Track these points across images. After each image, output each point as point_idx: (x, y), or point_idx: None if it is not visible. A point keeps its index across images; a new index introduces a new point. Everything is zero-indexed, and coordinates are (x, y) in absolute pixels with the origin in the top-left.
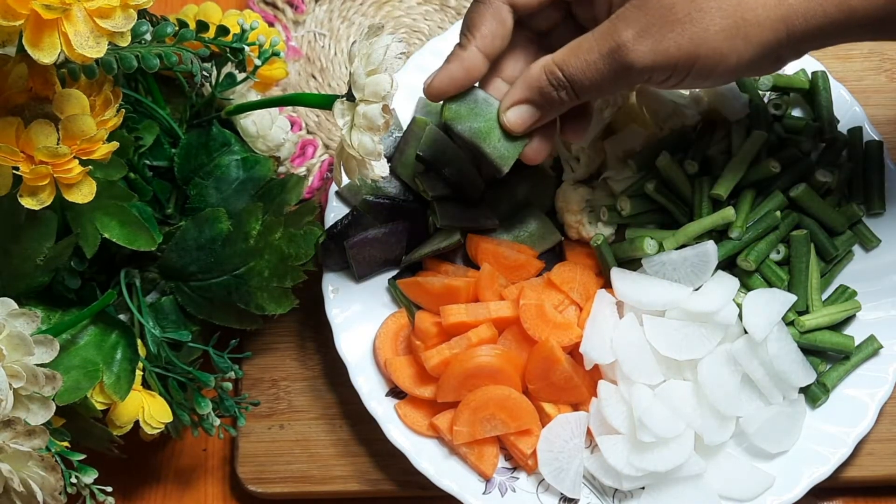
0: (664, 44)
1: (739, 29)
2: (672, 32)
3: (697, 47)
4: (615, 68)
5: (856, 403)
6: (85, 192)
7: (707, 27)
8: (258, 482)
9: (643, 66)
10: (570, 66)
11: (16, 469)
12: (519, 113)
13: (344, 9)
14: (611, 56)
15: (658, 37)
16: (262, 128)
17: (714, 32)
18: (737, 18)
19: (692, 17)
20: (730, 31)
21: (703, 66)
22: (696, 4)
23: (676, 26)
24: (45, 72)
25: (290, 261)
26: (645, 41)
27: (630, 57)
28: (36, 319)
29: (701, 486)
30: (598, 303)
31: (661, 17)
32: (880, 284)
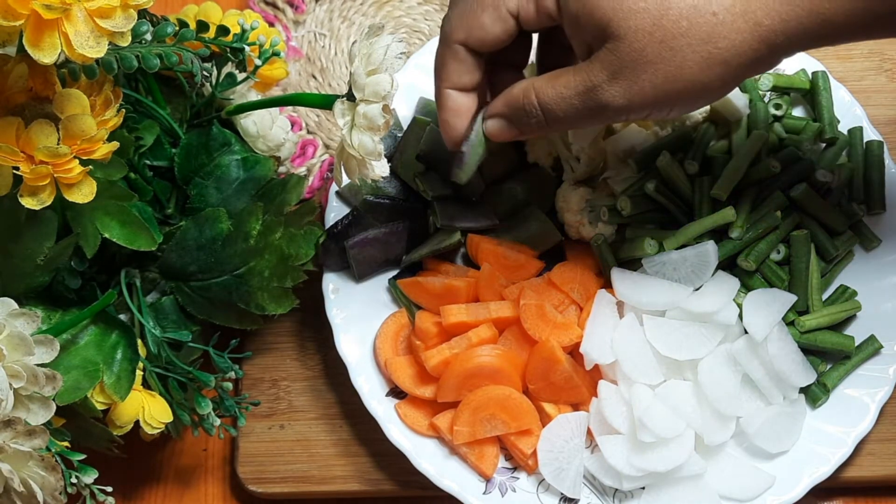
0: (638, 85)
1: (714, 58)
2: (645, 74)
3: (674, 84)
4: (589, 107)
5: (856, 403)
6: (85, 192)
7: (680, 64)
8: (258, 482)
9: (617, 107)
10: (546, 96)
11: (16, 469)
12: (496, 124)
13: (344, 9)
14: (586, 95)
15: (632, 79)
16: (262, 128)
17: (689, 68)
18: (710, 49)
19: (663, 56)
20: (705, 63)
21: (685, 98)
22: (665, 45)
23: (649, 67)
24: (46, 72)
25: (290, 261)
26: (618, 83)
27: (604, 98)
28: (36, 319)
29: (701, 486)
30: (598, 303)
31: (633, 59)
32: (880, 284)
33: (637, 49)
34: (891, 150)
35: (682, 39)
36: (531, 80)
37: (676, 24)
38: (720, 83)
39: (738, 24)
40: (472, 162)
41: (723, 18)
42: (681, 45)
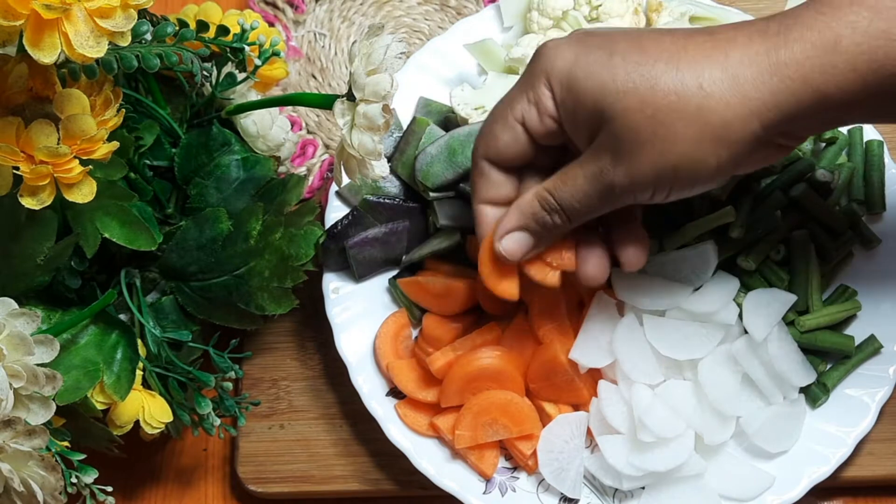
0: (636, 165)
1: (706, 133)
2: (643, 150)
3: (669, 160)
4: (600, 191)
5: (856, 403)
6: (85, 192)
7: (674, 139)
8: (258, 482)
9: (623, 187)
10: (559, 191)
11: (16, 469)
12: (515, 239)
13: (344, 9)
14: (595, 180)
15: (630, 159)
16: (262, 127)
17: (681, 143)
18: (701, 124)
19: (657, 132)
20: (697, 137)
21: (683, 175)
22: (657, 120)
23: (645, 147)
24: (46, 72)
25: (290, 261)
26: (620, 165)
27: (610, 180)
28: (36, 319)
29: (701, 485)
30: (594, 307)
31: (630, 138)
32: (880, 284)
33: (632, 127)
34: (891, 149)
35: (673, 114)
36: (539, 186)
37: (665, 99)
38: (715, 160)
39: (727, 98)
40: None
41: (710, 91)
42: (672, 120)
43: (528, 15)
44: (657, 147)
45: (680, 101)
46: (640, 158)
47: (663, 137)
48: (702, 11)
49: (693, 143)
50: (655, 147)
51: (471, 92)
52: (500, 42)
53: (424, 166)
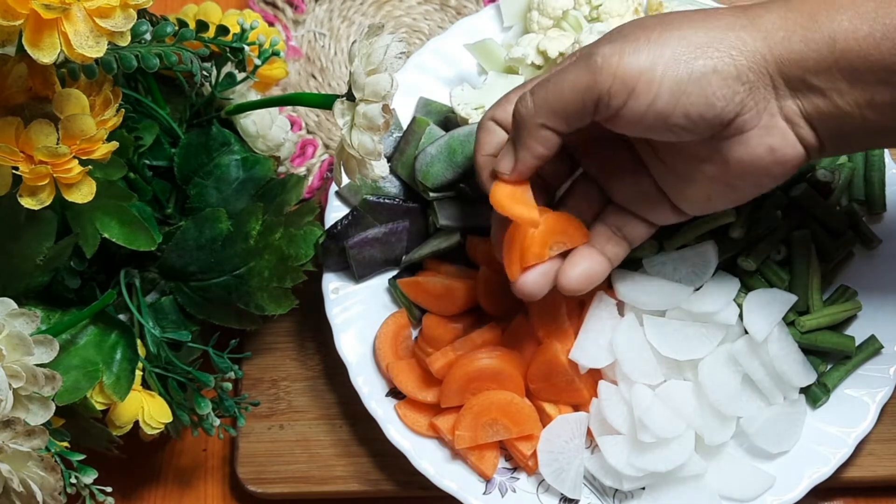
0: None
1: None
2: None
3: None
4: (583, 66)
5: (856, 404)
6: (85, 192)
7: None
8: (258, 482)
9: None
10: (541, 76)
11: (15, 469)
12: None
13: (344, 8)
14: (583, 56)
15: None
16: (262, 127)
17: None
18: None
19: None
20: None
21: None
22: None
23: (643, 30)
24: (45, 71)
25: (290, 261)
26: (615, 42)
27: (594, 56)
28: (35, 319)
29: (701, 486)
30: (594, 307)
31: (633, 31)
32: (881, 284)
33: (638, 23)
34: (891, 150)
35: (682, 18)
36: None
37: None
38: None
39: (735, 12)
40: None
41: (722, 13)
42: (679, 21)
43: (528, 15)
44: (657, 28)
45: (691, 14)
46: (636, 36)
47: (667, 24)
48: None
49: (696, 33)
50: (656, 28)
51: (471, 92)
52: (500, 42)
53: (424, 166)
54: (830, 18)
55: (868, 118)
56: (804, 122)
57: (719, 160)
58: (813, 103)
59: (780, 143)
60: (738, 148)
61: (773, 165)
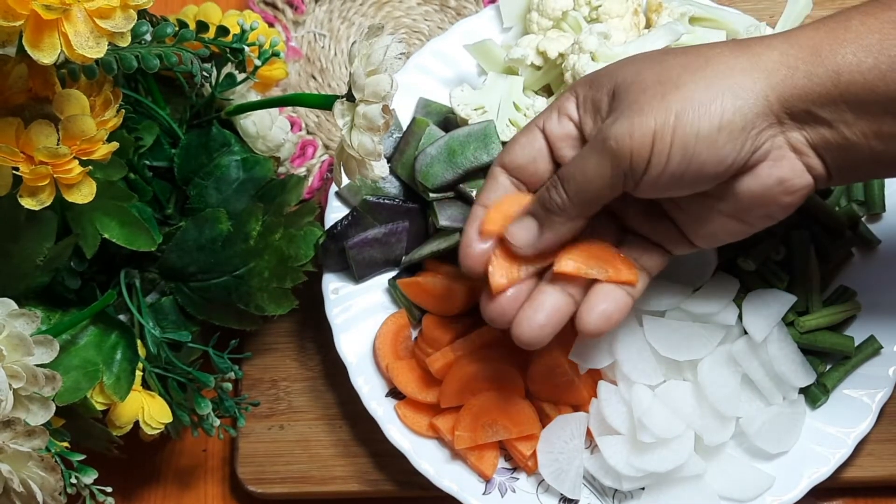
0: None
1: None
2: (642, 101)
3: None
4: (599, 153)
5: (856, 404)
6: (85, 193)
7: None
8: (258, 483)
9: (622, 145)
10: (565, 167)
11: (16, 469)
12: (521, 225)
13: (344, 9)
14: (595, 142)
15: (630, 109)
16: (262, 128)
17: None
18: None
19: (660, 80)
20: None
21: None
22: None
23: (646, 93)
24: (45, 72)
25: (289, 261)
26: (621, 118)
27: (609, 137)
28: (36, 320)
29: (701, 486)
30: None
31: (634, 92)
32: (880, 285)
33: (638, 83)
34: None
35: (679, 68)
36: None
37: (675, 60)
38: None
39: (737, 55)
40: None
41: (721, 51)
42: (678, 72)
43: (527, 15)
44: (658, 91)
45: (688, 59)
46: (640, 105)
47: (666, 81)
48: (701, 12)
49: (696, 89)
50: (657, 92)
51: (470, 92)
52: (500, 43)
53: (424, 167)
54: (834, 52)
55: (875, 148)
56: (811, 152)
57: (730, 196)
58: (819, 134)
59: (789, 174)
60: (748, 181)
61: (783, 195)
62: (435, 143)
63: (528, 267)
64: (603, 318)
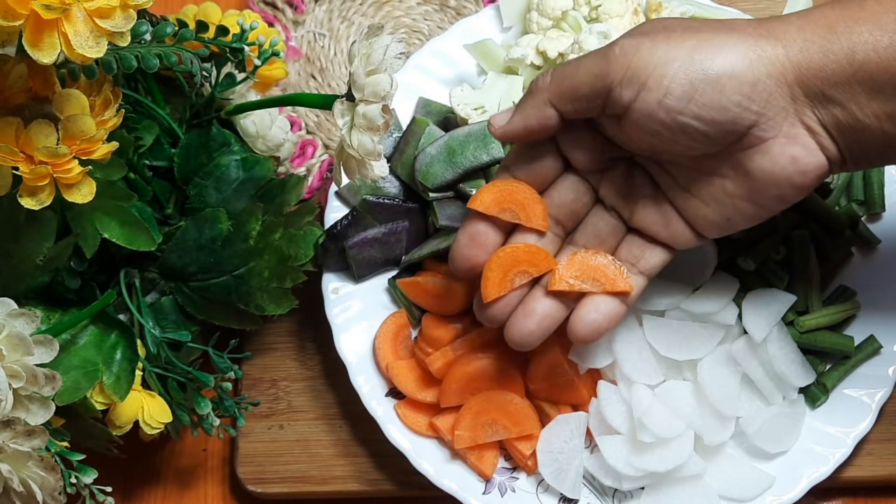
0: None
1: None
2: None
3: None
4: (601, 53)
5: (856, 403)
6: (85, 193)
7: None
8: (258, 482)
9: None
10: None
11: (15, 469)
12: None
13: (344, 9)
14: (599, 49)
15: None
16: (261, 128)
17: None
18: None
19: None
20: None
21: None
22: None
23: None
24: (45, 72)
25: (289, 261)
26: (635, 36)
27: (618, 42)
28: (36, 319)
29: (701, 486)
30: None
31: (654, 28)
32: (880, 284)
33: (661, 22)
34: None
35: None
36: None
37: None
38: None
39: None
40: None
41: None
42: (699, 26)
43: (527, 15)
44: (678, 30)
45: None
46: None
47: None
48: (701, 12)
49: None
50: (676, 30)
51: (470, 92)
52: (500, 42)
53: (424, 166)
54: (850, 30)
55: (887, 131)
56: (824, 132)
57: (741, 173)
58: (832, 115)
59: (802, 153)
60: (760, 158)
61: (797, 175)
62: (435, 143)
63: (522, 278)
64: (593, 328)
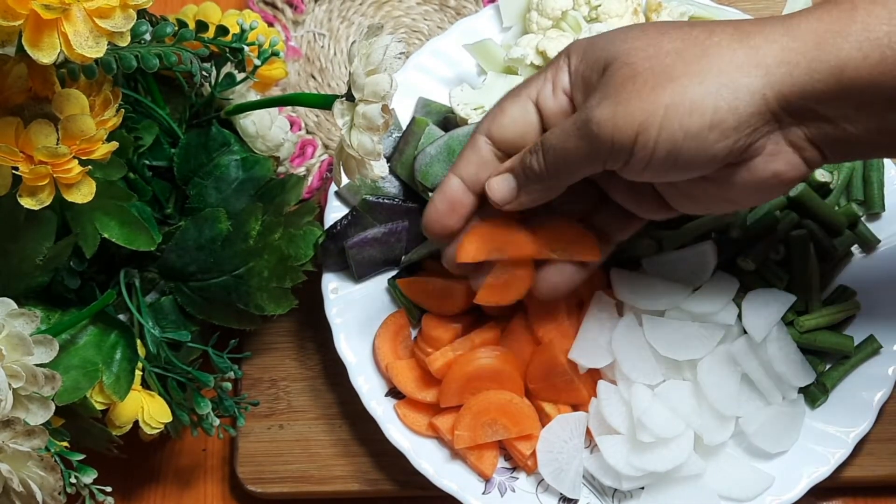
0: (623, 99)
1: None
2: (631, 87)
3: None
4: (580, 130)
5: (855, 403)
6: (84, 192)
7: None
8: (258, 482)
9: (603, 127)
10: (548, 135)
11: (15, 469)
12: (501, 179)
13: (343, 9)
14: (578, 119)
15: (618, 93)
16: (261, 128)
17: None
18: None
19: (652, 68)
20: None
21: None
22: (656, 60)
23: (637, 81)
24: (45, 72)
25: (289, 261)
26: (607, 99)
27: (593, 119)
28: (35, 319)
29: (700, 486)
30: (593, 307)
31: (623, 76)
32: (880, 284)
33: (629, 64)
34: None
35: (674, 55)
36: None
37: (671, 44)
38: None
39: (735, 47)
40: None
41: (718, 40)
42: (672, 60)
43: (527, 15)
44: (649, 82)
45: (685, 45)
46: (629, 93)
47: (659, 72)
48: (701, 11)
49: (689, 84)
50: (648, 82)
51: (470, 92)
52: (500, 42)
53: (424, 166)
54: (838, 47)
55: (876, 141)
56: (810, 146)
57: (723, 182)
58: (820, 129)
59: (785, 168)
60: (743, 173)
61: (777, 186)
62: (434, 143)
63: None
64: (552, 290)
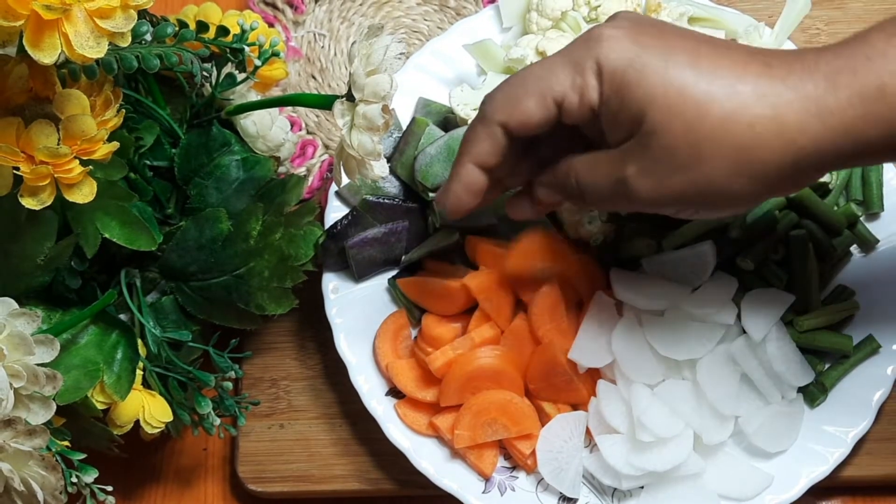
0: (665, 184)
1: (744, 170)
2: (675, 175)
3: (698, 185)
4: (619, 195)
5: (854, 403)
6: (85, 192)
7: (709, 172)
8: (258, 481)
9: (644, 200)
10: (583, 179)
11: (16, 468)
12: (547, 191)
13: (344, 9)
14: (617, 184)
15: (660, 177)
16: (262, 128)
17: (717, 176)
18: (741, 162)
19: (693, 160)
20: (734, 173)
21: (710, 203)
22: (697, 149)
23: (679, 171)
24: (46, 72)
25: (290, 261)
26: (647, 179)
27: (632, 190)
28: (36, 319)
29: (700, 485)
30: (593, 307)
31: (663, 159)
32: (879, 284)
33: (667, 147)
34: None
35: (714, 148)
36: (571, 159)
37: (711, 131)
38: (745, 197)
39: (771, 141)
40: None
41: (758, 132)
42: (712, 154)
43: (527, 15)
44: (690, 175)
45: (726, 137)
46: (670, 180)
47: (698, 168)
48: (701, 12)
49: (727, 178)
50: (688, 174)
51: (470, 92)
52: (500, 43)
53: (424, 166)
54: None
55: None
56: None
57: None
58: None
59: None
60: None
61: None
62: (435, 143)
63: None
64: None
